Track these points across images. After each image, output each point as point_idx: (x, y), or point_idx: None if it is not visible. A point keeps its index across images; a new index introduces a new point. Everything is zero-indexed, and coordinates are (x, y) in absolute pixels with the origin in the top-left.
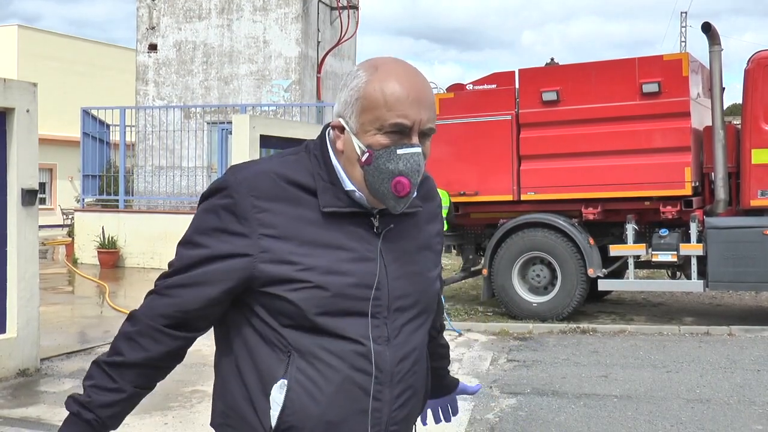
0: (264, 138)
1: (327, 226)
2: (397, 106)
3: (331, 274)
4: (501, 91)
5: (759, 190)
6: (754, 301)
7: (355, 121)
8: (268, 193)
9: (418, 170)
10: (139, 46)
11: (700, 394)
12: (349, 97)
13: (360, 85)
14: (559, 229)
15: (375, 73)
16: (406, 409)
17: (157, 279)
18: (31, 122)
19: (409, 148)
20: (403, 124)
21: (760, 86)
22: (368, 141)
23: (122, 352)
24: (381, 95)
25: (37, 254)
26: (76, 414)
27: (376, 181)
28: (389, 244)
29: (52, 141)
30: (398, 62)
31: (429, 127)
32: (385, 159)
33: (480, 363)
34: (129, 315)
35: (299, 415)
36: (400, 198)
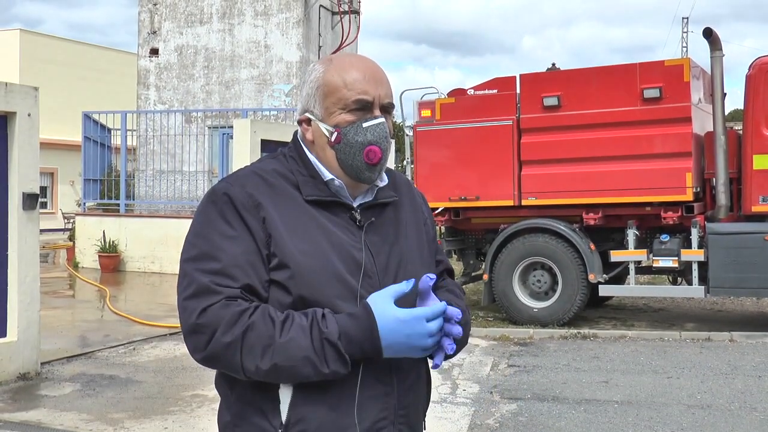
0: (265, 142)
1: (313, 216)
2: (356, 85)
3: (325, 260)
4: (502, 97)
5: (760, 196)
6: (755, 307)
7: (319, 108)
8: (259, 188)
9: (385, 137)
10: (141, 50)
11: (701, 400)
12: (310, 89)
13: (318, 76)
14: (560, 235)
15: (330, 63)
16: (412, 393)
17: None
18: (32, 126)
19: (374, 120)
20: (365, 99)
21: (762, 92)
22: (334, 121)
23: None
24: (340, 78)
25: (37, 258)
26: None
27: (348, 156)
28: (373, 236)
29: (53, 145)
30: (352, 53)
31: (388, 101)
32: (353, 133)
33: (480, 368)
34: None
35: (310, 407)
36: (374, 165)
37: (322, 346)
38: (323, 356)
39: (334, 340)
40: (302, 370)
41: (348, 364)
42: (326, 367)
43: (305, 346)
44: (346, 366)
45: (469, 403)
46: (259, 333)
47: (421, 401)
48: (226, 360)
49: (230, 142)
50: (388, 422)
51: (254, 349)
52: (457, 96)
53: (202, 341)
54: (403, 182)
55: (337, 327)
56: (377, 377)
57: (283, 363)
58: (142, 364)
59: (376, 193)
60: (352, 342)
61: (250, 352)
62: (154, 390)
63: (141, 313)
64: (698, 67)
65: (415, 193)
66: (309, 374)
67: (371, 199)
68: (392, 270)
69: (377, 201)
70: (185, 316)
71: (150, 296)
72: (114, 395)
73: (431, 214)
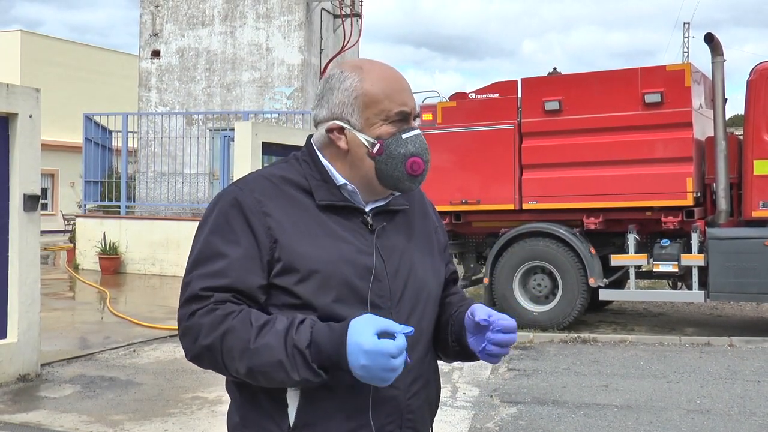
0: (266, 145)
1: (324, 220)
2: (397, 97)
3: (333, 265)
4: (503, 100)
5: (761, 201)
6: (755, 312)
7: (358, 118)
8: (268, 192)
9: (426, 148)
10: (142, 52)
11: (701, 405)
12: (345, 97)
13: (354, 84)
14: (561, 239)
15: (362, 72)
16: (420, 398)
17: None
18: (33, 128)
19: (412, 132)
20: (405, 111)
21: (763, 97)
22: (376, 133)
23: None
24: (380, 90)
25: (38, 260)
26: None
27: (389, 167)
28: (384, 240)
29: (54, 146)
30: (374, 60)
31: (418, 111)
32: (396, 145)
33: (480, 372)
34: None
35: (317, 409)
36: (416, 176)
37: (293, 352)
38: (294, 363)
39: (302, 348)
40: (275, 374)
41: (317, 373)
42: (297, 374)
43: (277, 352)
44: (316, 375)
45: (469, 407)
46: (237, 336)
47: (429, 406)
48: (209, 362)
49: (231, 145)
50: (395, 426)
51: (232, 353)
52: (458, 100)
53: (189, 343)
54: (416, 191)
55: (309, 336)
56: None
57: (257, 368)
58: (142, 366)
59: (389, 200)
60: (321, 353)
61: (229, 355)
62: (154, 392)
63: (141, 315)
64: (699, 72)
65: (426, 202)
66: (283, 379)
67: (383, 204)
68: (403, 275)
69: (389, 207)
70: (178, 321)
71: (150, 298)
72: (114, 397)
73: (441, 222)
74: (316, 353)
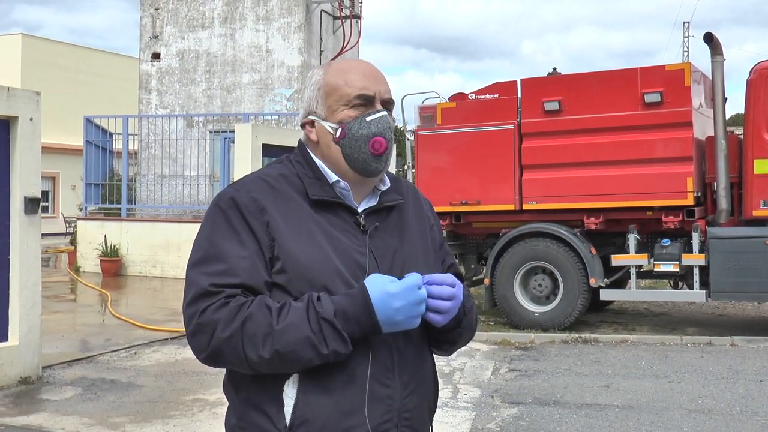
0: (266, 147)
1: (318, 220)
2: (356, 82)
3: (328, 264)
4: (503, 101)
5: (761, 200)
6: (756, 312)
7: (322, 107)
8: (264, 192)
9: (390, 128)
10: (142, 54)
11: (702, 405)
12: (312, 91)
13: (319, 78)
14: (561, 239)
15: (330, 66)
16: (417, 396)
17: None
18: (34, 130)
19: (377, 114)
20: (366, 94)
21: (763, 96)
22: (338, 118)
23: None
24: (340, 78)
25: (39, 262)
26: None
27: (354, 150)
28: (376, 241)
29: (55, 149)
30: (348, 59)
31: (388, 97)
32: (357, 127)
33: (482, 372)
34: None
35: (313, 408)
36: (380, 155)
37: (319, 326)
38: (321, 336)
39: (330, 317)
40: (303, 353)
41: (347, 342)
42: (326, 347)
43: (303, 329)
44: (345, 344)
45: (470, 408)
46: (257, 322)
47: (426, 405)
48: (230, 354)
49: (232, 147)
50: (392, 425)
51: (254, 339)
52: (458, 100)
53: (204, 341)
54: (410, 189)
55: (332, 306)
56: (380, 380)
57: (284, 348)
58: (143, 368)
59: (380, 198)
60: (348, 319)
61: (251, 342)
62: (156, 394)
63: (142, 317)
64: (699, 71)
65: (421, 200)
66: (311, 357)
67: (375, 204)
68: (396, 275)
69: (382, 205)
70: (187, 320)
71: (151, 300)
72: (115, 399)
73: (438, 220)
74: (344, 320)
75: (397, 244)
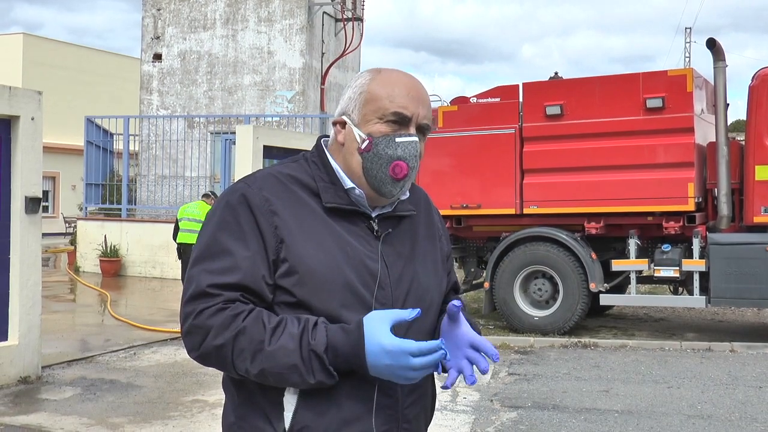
0: (267, 148)
1: (330, 224)
2: (398, 99)
3: (337, 270)
4: (505, 105)
5: (762, 207)
6: (756, 318)
7: (357, 113)
8: (276, 191)
9: (416, 156)
10: (144, 55)
11: (702, 411)
12: (353, 93)
13: (364, 82)
14: (562, 243)
15: (378, 74)
16: (416, 408)
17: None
18: (35, 130)
19: (407, 137)
20: (403, 113)
21: (765, 103)
22: (369, 129)
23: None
24: (383, 89)
25: (39, 262)
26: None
27: (375, 166)
28: (388, 247)
29: (55, 149)
30: (400, 70)
31: (426, 123)
32: (384, 145)
33: (481, 376)
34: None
35: (314, 415)
36: (398, 181)
37: (309, 356)
38: (310, 367)
39: (320, 352)
40: (289, 378)
41: (333, 376)
42: (312, 378)
43: (293, 355)
44: (331, 378)
45: (469, 411)
46: (250, 338)
47: (425, 415)
48: (218, 361)
49: (232, 148)
50: (394, 426)
51: (244, 353)
52: (459, 104)
53: (196, 342)
54: (422, 197)
55: (325, 339)
56: (382, 390)
57: (271, 370)
58: (142, 368)
59: (396, 206)
60: (338, 356)
61: (240, 356)
62: (155, 395)
63: (142, 317)
64: (701, 77)
65: (432, 209)
66: (296, 381)
67: (390, 210)
68: (405, 283)
69: (396, 213)
70: (183, 318)
71: (151, 301)
72: (114, 400)
73: (446, 230)
74: (333, 357)
75: (408, 252)
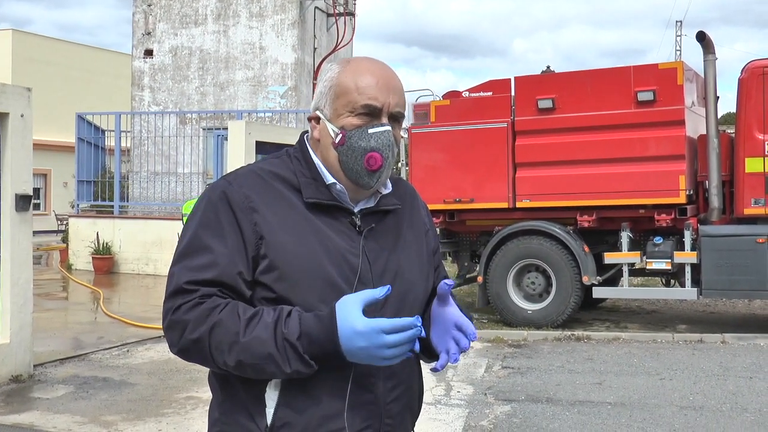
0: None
1: (312, 219)
2: (367, 90)
3: (316, 265)
4: (497, 99)
5: (752, 199)
6: (747, 309)
7: (329, 108)
8: (257, 188)
9: (389, 146)
10: (135, 51)
11: (694, 402)
12: (324, 87)
13: (333, 75)
14: (554, 237)
15: (347, 65)
16: (400, 403)
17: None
18: (25, 127)
19: (380, 127)
20: (373, 105)
21: (754, 95)
22: (341, 123)
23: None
24: (353, 81)
25: (30, 260)
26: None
27: (350, 159)
28: (371, 242)
29: (46, 146)
30: (369, 57)
31: (398, 110)
32: (357, 138)
33: (475, 370)
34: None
35: (294, 411)
36: (373, 172)
37: (283, 345)
38: (285, 356)
39: (293, 340)
40: (266, 367)
41: (310, 364)
42: (288, 366)
43: (268, 345)
44: (308, 366)
45: (463, 405)
46: (225, 330)
47: (410, 412)
48: (197, 355)
49: (225, 144)
50: (373, 430)
51: (221, 346)
52: (452, 98)
53: (176, 337)
54: (408, 191)
55: (299, 328)
56: (363, 386)
57: (248, 361)
58: (135, 366)
59: (379, 200)
60: (312, 343)
61: (217, 349)
62: (148, 392)
63: (135, 315)
64: (691, 70)
65: (419, 203)
66: (274, 372)
67: (373, 206)
68: (389, 277)
69: (379, 208)
70: (163, 314)
71: (144, 298)
72: (107, 397)
73: (433, 225)
74: (308, 344)
75: (391, 247)
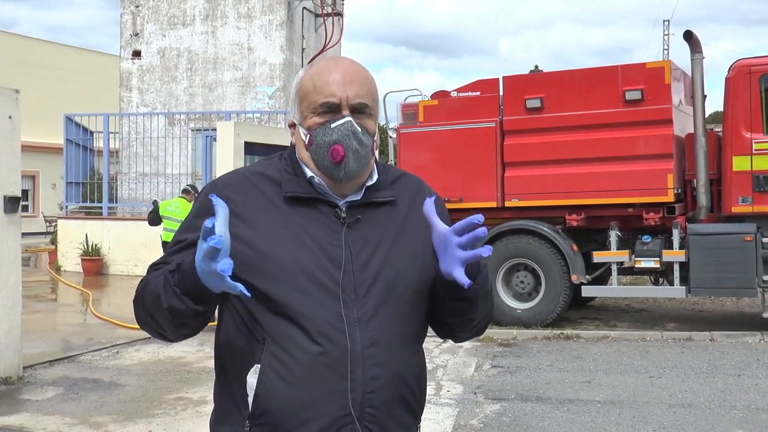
0: (248, 145)
1: (287, 212)
2: (324, 88)
3: (288, 256)
4: (485, 98)
5: (740, 197)
6: (735, 307)
7: (298, 112)
8: (238, 186)
9: (349, 135)
10: (123, 52)
11: (682, 399)
12: (293, 93)
13: (298, 81)
14: (543, 236)
15: (310, 68)
16: (386, 393)
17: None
18: (13, 129)
19: (340, 120)
20: (331, 101)
21: (741, 94)
22: (308, 124)
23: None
24: (311, 83)
25: (19, 262)
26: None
27: (320, 157)
28: (357, 233)
29: (34, 148)
30: (332, 56)
31: (358, 102)
32: (322, 134)
33: (464, 369)
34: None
35: (272, 398)
36: (338, 164)
37: (164, 281)
38: (166, 291)
39: (167, 273)
40: (159, 310)
41: (180, 297)
42: (166, 301)
43: (159, 286)
44: (179, 300)
45: (453, 404)
46: (150, 289)
47: (403, 403)
48: (146, 322)
49: (213, 145)
50: (352, 419)
51: (145, 302)
52: (440, 98)
53: (136, 310)
54: (412, 185)
55: (175, 264)
56: (339, 373)
57: (151, 307)
58: (125, 367)
59: (367, 193)
60: (183, 275)
61: (142, 302)
62: (138, 393)
63: (124, 316)
64: (679, 69)
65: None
66: (165, 314)
67: (359, 199)
68: (373, 267)
69: (368, 200)
70: None
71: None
72: (97, 399)
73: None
74: (180, 278)
75: (380, 238)
